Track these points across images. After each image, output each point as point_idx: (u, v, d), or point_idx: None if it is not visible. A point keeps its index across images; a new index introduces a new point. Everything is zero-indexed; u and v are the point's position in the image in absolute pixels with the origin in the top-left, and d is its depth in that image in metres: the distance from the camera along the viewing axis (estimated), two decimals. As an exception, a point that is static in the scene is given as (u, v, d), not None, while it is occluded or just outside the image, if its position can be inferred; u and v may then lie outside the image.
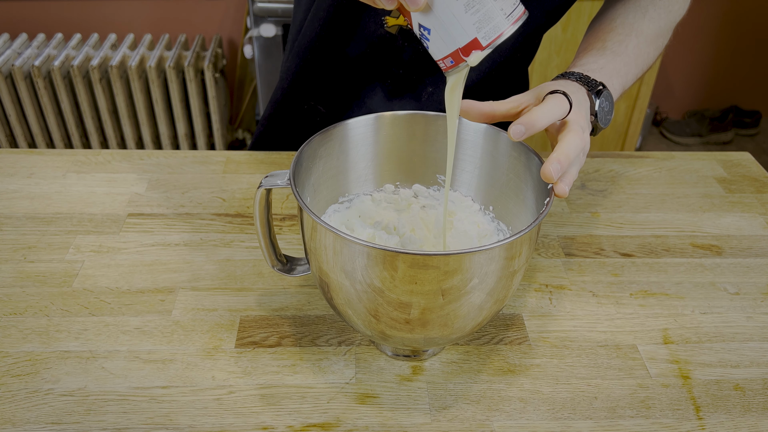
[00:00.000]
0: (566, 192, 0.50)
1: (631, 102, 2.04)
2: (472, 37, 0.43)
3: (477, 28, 0.43)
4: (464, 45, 0.44)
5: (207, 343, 0.59)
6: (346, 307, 0.50)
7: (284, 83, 0.85)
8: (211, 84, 2.02)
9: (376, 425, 0.53)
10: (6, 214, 0.75)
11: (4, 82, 1.94)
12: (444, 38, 0.44)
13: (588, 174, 0.86)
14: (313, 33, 0.78)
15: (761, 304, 0.66)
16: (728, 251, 0.73)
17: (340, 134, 0.58)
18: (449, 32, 0.43)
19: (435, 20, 0.43)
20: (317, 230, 0.47)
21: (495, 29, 0.43)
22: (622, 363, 0.59)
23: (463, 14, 0.43)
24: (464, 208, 0.62)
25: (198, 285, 0.66)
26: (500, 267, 0.46)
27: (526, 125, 0.49)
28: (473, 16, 0.43)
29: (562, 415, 0.54)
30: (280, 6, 1.81)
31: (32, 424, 0.52)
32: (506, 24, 0.43)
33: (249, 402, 0.54)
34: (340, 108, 0.84)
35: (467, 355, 0.59)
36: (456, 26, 0.43)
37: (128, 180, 0.81)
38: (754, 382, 0.58)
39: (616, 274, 0.69)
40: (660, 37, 0.71)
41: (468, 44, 0.44)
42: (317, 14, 0.78)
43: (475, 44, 0.43)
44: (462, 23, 0.43)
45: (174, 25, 2.16)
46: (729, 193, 0.83)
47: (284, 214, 0.77)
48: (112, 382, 0.55)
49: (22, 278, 0.66)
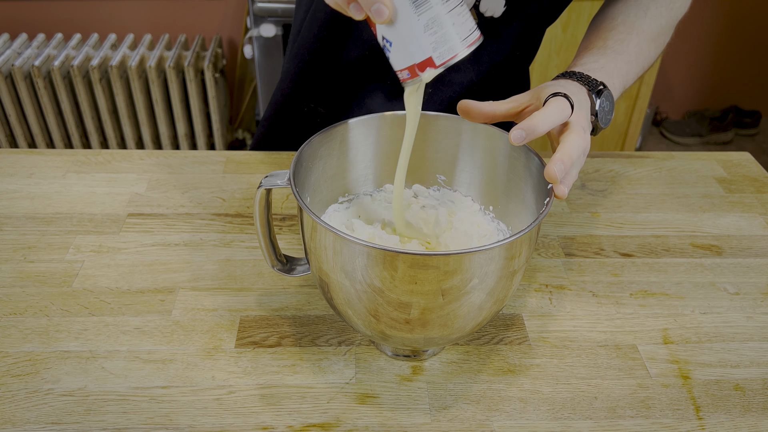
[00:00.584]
0: (566, 193, 0.50)
1: (631, 102, 2.04)
2: (427, 55, 0.47)
3: (433, 47, 0.47)
4: (420, 62, 0.47)
5: (207, 343, 0.59)
6: (346, 307, 0.50)
7: (284, 85, 0.85)
8: (211, 84, 2.02)
9: (376, 425, 0.53)
10: (6, 214, 0.75)
11: (4, 82, 1.94)
12: (403, 53, 0.48)
13: (588, 174, 0.86)
14: (312, 35, 0.78)
15: (761, 304, 0.66)
16: (728, 251, 0.73)
17: (340, 134, 0.58)
18: (408, 48, 0.47)
19: (396, 35, 0.47)
20: (317, 230, 0.47)
21: (450, 51, 0.47)
22: (622, 363, 0.59)
23: (421, 34, 0.46)
24: (464, 208, 0.62)
25: (198, 285, 0.66)
26: (500, 267, 0.46)
27: (527, 130, 0.50)
28: (431, 37, 0.46)
29: (562, 415, 0.54)
30: (280, 6, 1.81)
31: (32, 424, 0.52)
32: (461, 47, 0.47)
33: (249, 402, 0.54)
34: (340, 109, 0.84)
35: (467, 355, 0.59)
36: (414, 44, 0.47)
37: (128, 180, 0.81)
38: (754, 382, 0.58)
39: (616, 274, 0.69)
40: (661, 35, 0.71)
41: (423, 61, 0.47)
42: (316, 16, 0.78)
43: (429, 62, 0.47)
44: (420, 42, 0.46)
45: (174, 25, 2.16)
46: (729, 193, 0.83)
47: (284, 214, 0.77)
48: (112, 382, 0.55)
49: (22, 278, 0.66)
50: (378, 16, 0.45)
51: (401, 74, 0.49)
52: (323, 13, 0.76)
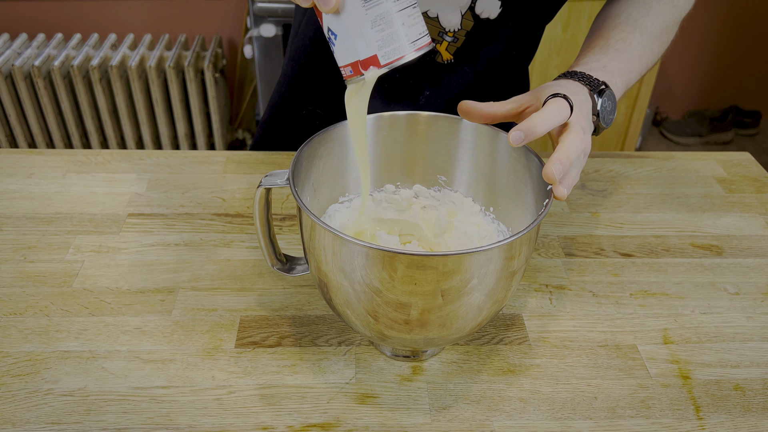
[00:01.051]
0: (565, 194, 0.50)
1: (631, 102, 2.04)
2: (372, 53, 0.45)
3: (379, 46, 0.45)
4: (363, 59, 0.45)
5: (207, 343, 0.59)
6: (345, 307, 0.50)
7: (281, 87, 0.85)
8: (211, 84, 2.02)
9: (376, 425, 0.53)
10: (6, 214, 0.75)
11: (4, 82, 1.94)
12: (347, 47, 0.46)
13: (588, 174, 0.86)
14: (308, 38, 0.78)
15: (761, 304, 0.66)
16: (728, 251, 0.73)
17: (340, 134, 0.58)
18: (353, 43, 0.45)
19: (342, 28, 0.45)
20: (316, 230, 0.47)
21: (396, 51, 0.45)
22: (622, 363, 0.59)
23: (368, 29, 0.44)
24: (465, 209, 0.62)
25: (198, 285, 0.66)
26: (499, 268, 0.46)
27: (526, 131, 0.49)
28: (378, 34, 0.44)
29: (562, 415, 0.54)
30: (280, 6, 1.81)
31: (32, 424, 0.52)
32: (409, 49, 0.45)
33: (249, 402, 0.54)
34: (338, 112, 0.84)
35: (467, 355, 0.59)
36: (359, 39, 0.45)
37: (128, 180, 0.81)
38: (754, 382, 0.58)
39: (616, 274, 0.69)
40: (665, 33, 0.70)
41: (367, 59, 0.45)
42: (312, 19, 0.78)
43: (373, 60, 0.45)
44: (366, 37, 0.44)
45: (174, 25, 2.16)
46: (729, 193, 0.83)
47: (284, 214, 0.77)
48: (112, 382, 0.55)
49: (22, 278, 0.66)
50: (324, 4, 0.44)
51: (344, 71, 0.47)
52: None
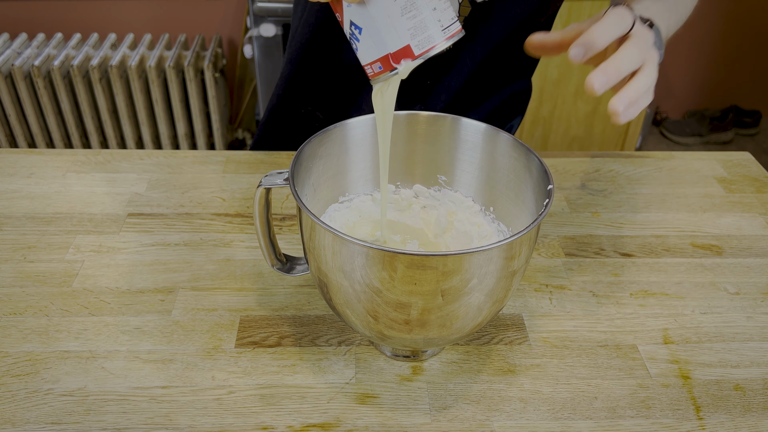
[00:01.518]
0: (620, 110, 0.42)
1: (631, 102, 2.04)
2: (405, 43, 0.41)
3: (411, 34, 0.40)
4: (396, 51, 0.41)
5: (207, 343, 0.59)
6: (345, 307, 0.50)
7: (279, 89, 0.86)
8: (211, 84, 2.02)
9: (376, 425, 0.53)
10: (6, 214, 0.75)
11: (4, 82, 1.94)
12: (375, 40, 0.41)
13: (588, 174, 0.86)
14: (304, 39, 0.78)
15: (761, 304, 0.66)
16: (728, 251, 0.73)
17: (340, 134, 0.58)
18: (381, 34, 0.41)
19: (368, 19, 0.40)
20: (316, 230, 0.47)
21: (429, 40, 0.41)
22: (622, 363, 0.59)
23: (398, 17, 0.40)
24: (465, 208, 0.62)
25: (198, 285, 0.66)
26: (499, 268, 0.46)
27: (586, 45, 0.44)
28: (409, 22, 0.40)
29: (562, 415, 0.54)
30: (280, 6, 1.81)
31: (32, 424, 0.52)
32: (441, 37, 0.41)
33: (249, 402, 0.54)
34: (337, 113, 0.84)
35: (467, 355, 0.59)
36: (389, 29, 0.40)
37: (128, 180, 0.81)
38: (754, 382, 0.58)
39: (616, 274, 0.69)
40: None
41: (400, 50, 0.41)
42: (308, 20, 0.78)
43: (407, 52, 0.41)
44: (396, 27, 0.40)
45: (174, 25, 2.16)
46: (729, 193, 0.83)
47: (284, 214, 0.77)
48: (112, 382, 0.55)
49: (22, 278, 0.66)
50: None
51: (371, 68, 0.42)
52: (314, 17, 0.76)
